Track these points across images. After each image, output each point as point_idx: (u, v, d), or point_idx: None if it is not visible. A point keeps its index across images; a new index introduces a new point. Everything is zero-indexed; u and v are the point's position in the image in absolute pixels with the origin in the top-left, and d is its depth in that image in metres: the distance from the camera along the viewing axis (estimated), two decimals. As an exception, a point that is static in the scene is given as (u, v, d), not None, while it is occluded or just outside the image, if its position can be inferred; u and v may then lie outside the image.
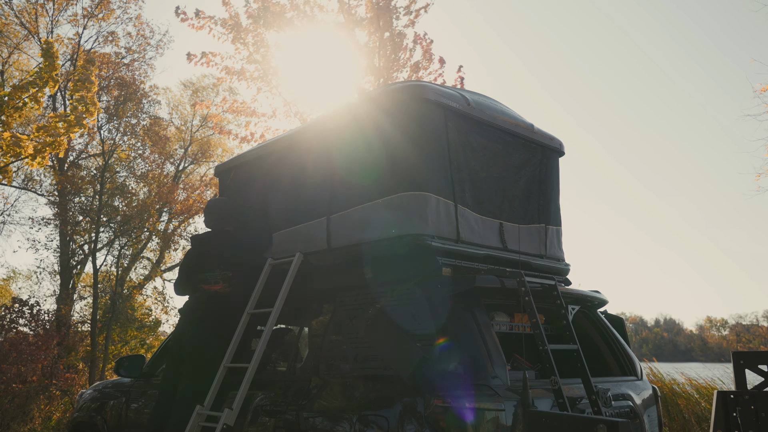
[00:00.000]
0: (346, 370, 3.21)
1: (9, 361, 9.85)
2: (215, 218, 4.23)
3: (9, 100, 8.00)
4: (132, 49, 16.31)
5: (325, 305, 3.61)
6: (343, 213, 3.54)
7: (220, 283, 3.95)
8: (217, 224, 4.22)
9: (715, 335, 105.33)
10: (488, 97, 3.96)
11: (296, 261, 3.71)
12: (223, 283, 3.96)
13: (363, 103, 3.59)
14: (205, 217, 4.29)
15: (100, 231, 15.11)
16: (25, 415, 9.97)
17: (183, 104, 19.18)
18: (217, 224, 4.22)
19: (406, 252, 3.19)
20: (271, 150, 4.23)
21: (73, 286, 16.30)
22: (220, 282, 3.96)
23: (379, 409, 2.86)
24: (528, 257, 3.71)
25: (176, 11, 8.88)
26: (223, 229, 4.22)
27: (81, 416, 5.06)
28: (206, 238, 4.23)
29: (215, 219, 4.23)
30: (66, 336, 13.00)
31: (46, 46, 8.39)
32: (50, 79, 8.24)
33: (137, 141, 16.13)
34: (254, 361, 3.52)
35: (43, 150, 8.26)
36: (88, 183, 15.68)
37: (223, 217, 4.23)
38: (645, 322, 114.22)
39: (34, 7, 15.86)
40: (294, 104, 9.11)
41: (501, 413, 2.63)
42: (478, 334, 2.88)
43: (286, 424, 3.23)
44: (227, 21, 8.88)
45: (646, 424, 3.40)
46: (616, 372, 3.67)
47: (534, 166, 3.90)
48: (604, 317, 3.89)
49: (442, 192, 3.28)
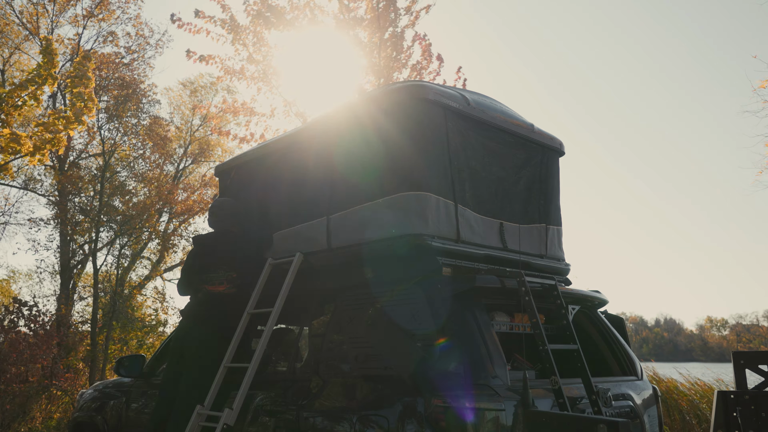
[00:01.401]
0: (347, 370, 3.21)
1: (9, 361, 9.85)
2: (219, 219, 4.21)
3: (8, 98, 8.00)
4: (132, 49, 16.33)
5: (325, 305, 3.60)
6: (343, 213, 3.54)
7: (225, 284, 3.94)
8: (222, 225, 4.20)
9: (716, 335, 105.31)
10: (488, 97, 3.96)
11: (296, 261, 3.71)
12: (227, 284, 3.95)
13: (363, 103, 3.59)
14: (209, 218, 4.26)
15: (101, 231, 15.11)
16: (25, 414, 9.97)
17: (184, 104, 19.20)
18: (222, 225, 4.20)
19: (406, 252, 3.19)
20: (272, 150, 4.23)
21: (73, 286, 16.31)
22: (224, 283, 3.95)
23: (380, 409, 2.86)
24: (528, 257, 3.70)
25: (171, 18, 8.74)
26: (228, 229, 4.21)
27: (81, 416, 5.06)
28: (210, 238, 4.22)
29: (219, 219, 4.21)
30: (66, 336, 13.00)
31: (46, 43, 8.38)
32: (49, 76, 8.23)
33: (137, 141, 16.14)
34: (254, 361, 3.52)
35: (43, 147, 8.26)
36: (88, 183, 15.68)
37: (227, 217, 4.20)
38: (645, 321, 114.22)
39: (36, 7, 15.87)
40: (294, 104, 9.11)
41: (501, 413, 2.63)
42: (479, 334, 2.88)
43: (287, 424, 3.23)
44: (226, 22, 8.84)
45: (647, 424, 3.40)
46: (617, 372, 3.66)
47: (534, 166, 3.90)
48: (604, 317, 3.89)
49: (442, 192, 3.28)
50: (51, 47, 8.32)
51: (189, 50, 8.82)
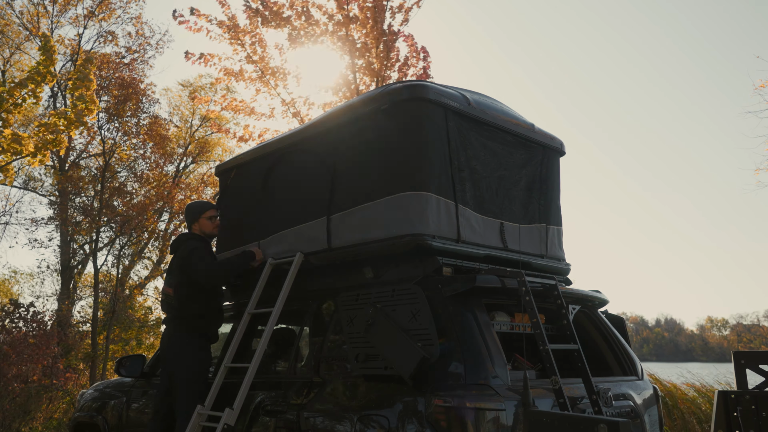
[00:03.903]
0: (347, 370, 3.21)
1: (9, 362, 9.85)
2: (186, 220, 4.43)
3: (8, 96, 8.01)
4: (132, 49, 16.33)
5: (325, 305, 3.60)
6: (343, 213, 3.54)
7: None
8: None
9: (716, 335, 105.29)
10: (489, 96, 3.95)
11: (296, 261, 3.71)
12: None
13: (363, 102, 3.59)
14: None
15: (101, 231, 15.11)
16: (26, 414, 9.97)
17: (183, 104, 19.19)
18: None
19: (406, 252, 3.19)
20: (272, 150, 4.23)
21: (74, 285, 16.31)
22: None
23: (380, 409, 2.86)
24: (529, 257, 3.70)
25: (173, 14, 8.81)
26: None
27: (82, 416, 5.06)
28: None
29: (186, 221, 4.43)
30: (65, 336, 13.00)
31: (44, 41, 8.43)
32: (48, 74, 8.26)
33: (138, 141, 16.14)
34: (254, 361, 3.52)
35: (44, 148, 8.29)
36: (88, 183, 15.68)
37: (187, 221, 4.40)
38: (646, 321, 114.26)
39: (36, 7, 15.88)
40: (292, 105, 9.11)
41: (501, 413, 2.63)
42: (479, 334, 2.88)
43: (287, 424, 3.23)
44: (224, 23, 8.85)
45: (647, 424, 3.40)
46: (617, 372, 3.66)
47: (535, 166, 3.90)
48: (604, 317, 3.88)
49: (443, 192, 3.28)
50: (49, 44, 8.36)
51: (188, 51, 8.83)
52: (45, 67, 8.24)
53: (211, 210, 4.35)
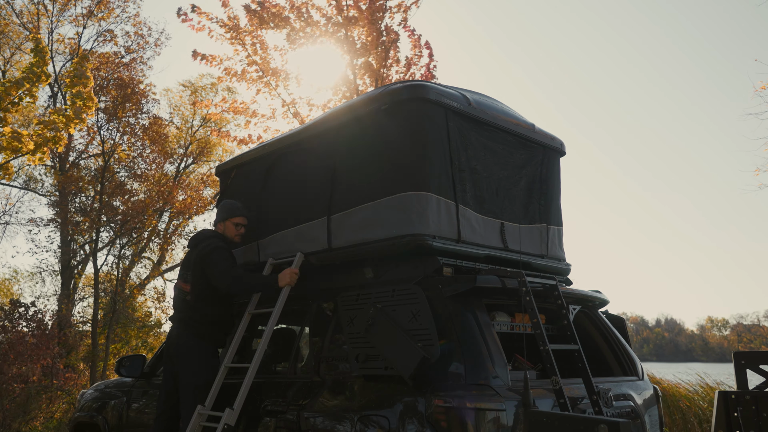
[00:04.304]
0: (347, 370, 3.21)
1: (9, 362, 9.86)
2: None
3: (5, 95, 8.05)
4: (131, 49, 16.32)
5: (325, 305, 3.60)
6: (343, 213, 3.53)
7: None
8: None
9: (717, 335, 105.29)
10: (489, 96, 3.95)
11: (297, 261, 3.71)
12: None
13: (363, 102, 3.59)
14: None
15: (101, 231, 15.11)
16: (26, 414, 9.98)
17: (184, 104, 19.18)
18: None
19: (406, 252, 3.18)
20: (272, 150, 4.23)
21: (74, 286, 16.31)
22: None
23: (380, 409, 2.86)
24: (529, 257, 3.70)
25: (178, 12, 8.89)
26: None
27: (82, 416, 5.06)
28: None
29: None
30: (65, 336, 13.00)
31: (36, 43, 8.54)
32: (42, 74, 8.32)
33: (137, 140, 16.13)
34: (255, 361, 3.52)
35: (43, 145, 8.31)
36: (88, 183, 15.68)
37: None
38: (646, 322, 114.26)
39: (36, 7, 15.89)
40: (293, 105, 9.11)
41: (502, 413, 2.63)
42: (479, 334, 2.87)
43: (287, 424, 3.23)
44: (226, 23, 8.89)
45: (647, 424, 3.40)
46: (617, 372, 3.66)
47: (535, 166, 3.89)
48: (605, 317, 3.88)
49: (443, 192, 3.28)
50: (40, 46, 8.46)
51: (195, 51, 8.94)
52: (39, 68, 8.30)
53: (242, 218, 4.12)
